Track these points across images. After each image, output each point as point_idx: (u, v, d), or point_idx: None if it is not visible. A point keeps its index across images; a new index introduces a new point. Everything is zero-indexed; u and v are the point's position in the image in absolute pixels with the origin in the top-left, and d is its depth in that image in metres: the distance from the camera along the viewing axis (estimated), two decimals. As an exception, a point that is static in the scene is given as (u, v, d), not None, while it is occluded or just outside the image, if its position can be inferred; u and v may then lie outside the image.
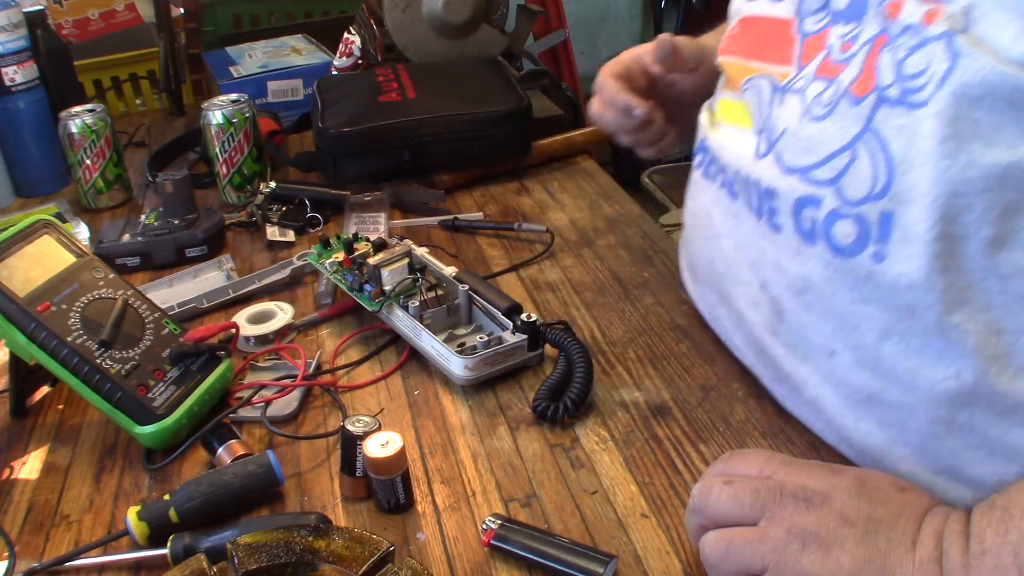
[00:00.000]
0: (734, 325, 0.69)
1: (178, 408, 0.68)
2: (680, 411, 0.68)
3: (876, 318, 0.55)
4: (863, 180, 0.53)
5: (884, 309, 0.54)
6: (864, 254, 0.54)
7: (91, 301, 0.71)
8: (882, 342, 0.55)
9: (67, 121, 1.10)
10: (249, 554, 0.52)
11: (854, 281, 0.55)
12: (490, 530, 0.56)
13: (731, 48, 0.70)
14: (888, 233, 0.53)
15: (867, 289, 0.55)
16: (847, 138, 0.55)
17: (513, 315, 0.74)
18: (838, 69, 0.57)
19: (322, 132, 1.09)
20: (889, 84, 0.53)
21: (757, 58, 0.66)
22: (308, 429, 0.70)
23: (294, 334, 0.83)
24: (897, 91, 0.52)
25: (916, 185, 0.51)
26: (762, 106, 0.64)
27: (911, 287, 0.52)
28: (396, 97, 1.14)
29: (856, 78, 0.55)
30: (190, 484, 0.61)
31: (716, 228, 0.68)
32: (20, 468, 0.69)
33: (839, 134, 0.55)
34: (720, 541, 0.49)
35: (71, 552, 0.59)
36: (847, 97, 0.55)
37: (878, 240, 0.53)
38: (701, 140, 0.73)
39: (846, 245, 0.55)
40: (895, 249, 0.52)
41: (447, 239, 0.99)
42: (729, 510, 0.50)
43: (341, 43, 1.36)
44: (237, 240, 1.03)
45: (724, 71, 0.72)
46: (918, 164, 0.50)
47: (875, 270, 0.53)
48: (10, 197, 1.20)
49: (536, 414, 0.67)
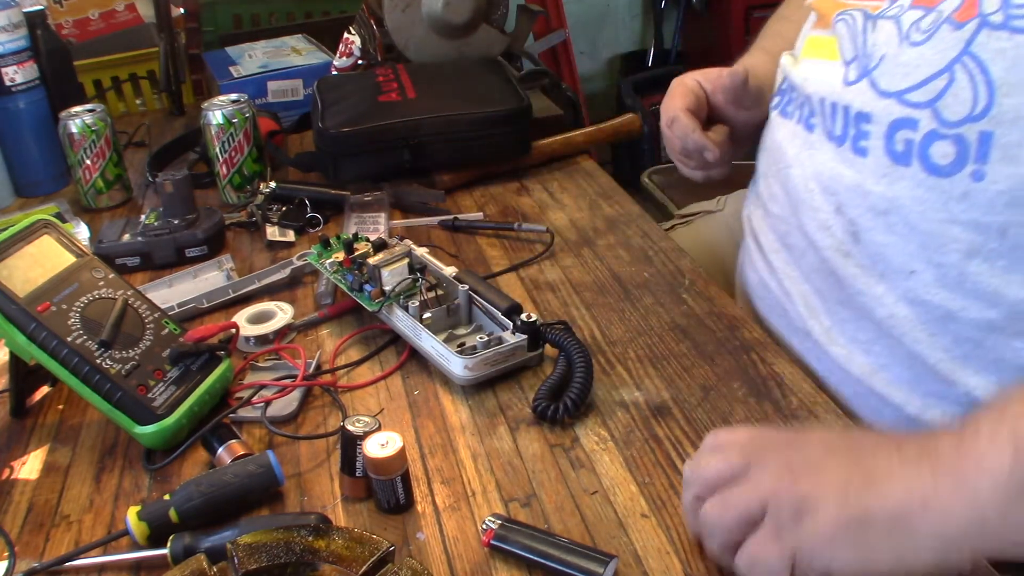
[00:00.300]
0: (801, 253, 0.71)
1: (178, 408, 0.68)
2: (680, 411, 0.68)
3: (963, 238, 0.57)
4: (962, 102, 0.55)
5: (974, 229, 0.56)
6: (962, 173, 0.56)
7: (91, 301, 0.71)
8: (967, 261, 0.57)
9: (67, 121, 1.10)
10: (249, 554, 0.52)
11: (946, 200, 0.57)
12: (490, 530, 0.56)
13: None
14: (987, 153, 0.54)
15: (960, 208, 0.56)
16: (945, 61, 0.57)
17: (513, 315, 0.74)
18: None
19: (322, 132, 1.09)
20: (994, 10, 0.55)
21: None
22: (308, 429, 0.70)
23: (294, 334, 0.83)
24: (1001, 16, 0.54)
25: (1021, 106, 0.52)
26: (856, 36, 0.65)
27: (1010, 205, 0.54)
28: (396, 97, 1.14)
29: (960, 6, 0.57)
30: (190, 484, 0.61)
31: (788, 160, 0.71)
32: (20, 468, 0.69)
33: (937, 57, 0.57)
34: (717, 502, 0.50)
35: (71, 552, 0.59)
36: (948, 23, 0.57)
37: (977, 160, 0.55)
38: (781, 82, 0.76)
39: (944, 165, 0.57)
40: (995, 168, 0.54)
41: (447, 239, 0.99)
42: (720, 472, 0.51)
43: (341, 43, 1.35)
44: (237, 240, 1.03)
45: (815, 10, 0.73)
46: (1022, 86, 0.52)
47: (972, 189, 0.55)
48: (10, 197, 1.20)
49: (536, 414, 0.67)
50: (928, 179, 0.58)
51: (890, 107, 0.60)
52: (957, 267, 0.58)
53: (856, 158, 0.63)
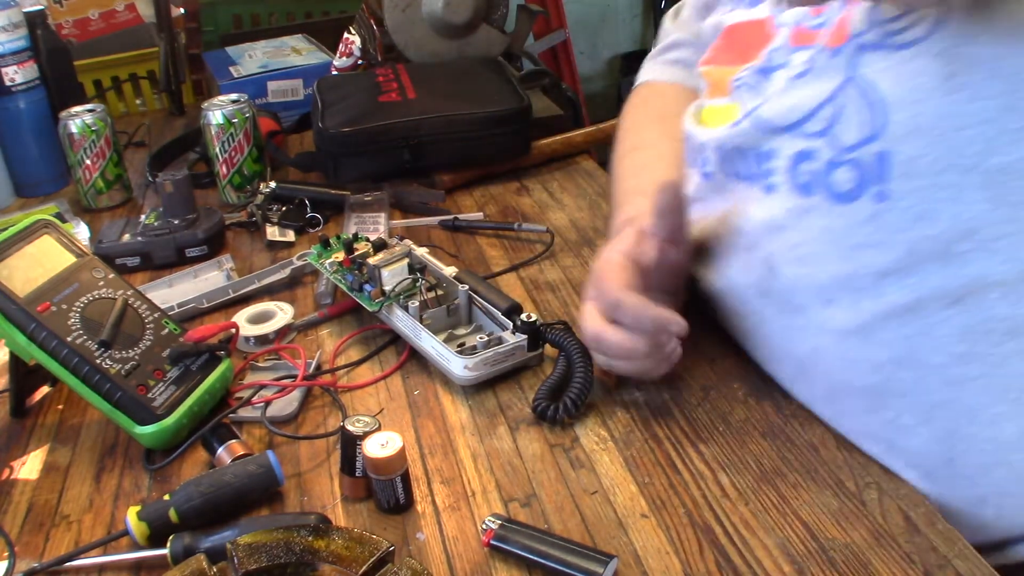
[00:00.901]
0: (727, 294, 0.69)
1: (178, 408, 0.68)
2: (680, 411, 0.68)
3: (874, 261, 0.56)
4: (856, 125, 0.55)
5: (884, 250, 0.56)
6: (866, 196, 0.56)
7: (91, 301, 0.71)
8: (881, 282, 0.56)
9: (67, 121, 1.10)
10: (249, 554, 0.52)
11: (854, 225, 0.57)
12: (490, 530, 0.56)
13: (718, 59, 0.72)
14: (887, 172, 0.54)
15: (868, 231, 0.56)
16: (832, 88, 0.57)
17: (513, 315, 0.74)
18: (814, 34, 0.60)
19: (322, 132, 1.09)
20: (865, 31, 0.55)
21: (743, 61, 0.68)
22: (308, 429, 0.70)
23: (294, 334, 0.83)
24: (875, 36, 0.55)
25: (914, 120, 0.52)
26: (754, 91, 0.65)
27: (917, 219, 0.54)
28: (396, 97, 1.14)
29: (832, 34, 0.58)
30: (190, 484, 0.61)
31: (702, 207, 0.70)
32: (20, 468, 0.69)
33: (825, 87, 0.57)
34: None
35: (71, 552, 0.59)
36: (826, 52, 0.58)
37: (878, 180, 0.55)
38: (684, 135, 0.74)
39: (847, 191, 0.57)
40: (898, 185, 0.54)
41: (447, 239, 0.99)
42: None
43: (341, 43, 1.35)
44: (237, 240, 1.03)
45: (708, 80, 0.73)
46: (913, 100, 0.52)
47: (878, 210, 0.55)
48: (10, 197, 1.20)
49: (536, 414, 0.67)
50: (835, 207, 0.58)
51: (789, 142, 0.60)
52: (871, 289, 0.57)
53: (765, 196, 0.63)
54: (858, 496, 0.58)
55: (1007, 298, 0.53)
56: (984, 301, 0.53)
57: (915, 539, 0.54)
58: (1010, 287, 0.52)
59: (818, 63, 0.59)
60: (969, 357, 0.55)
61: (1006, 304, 0.53)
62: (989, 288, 0.53)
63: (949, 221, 0.53)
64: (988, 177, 0.51)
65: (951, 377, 0.56)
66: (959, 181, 0.52)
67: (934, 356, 0.56)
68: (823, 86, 0.58)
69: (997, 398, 0.55)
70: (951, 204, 0.52)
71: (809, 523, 0.56)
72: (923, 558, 0.53)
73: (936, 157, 0.52)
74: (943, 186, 0.52)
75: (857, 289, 0.58)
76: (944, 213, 0.53)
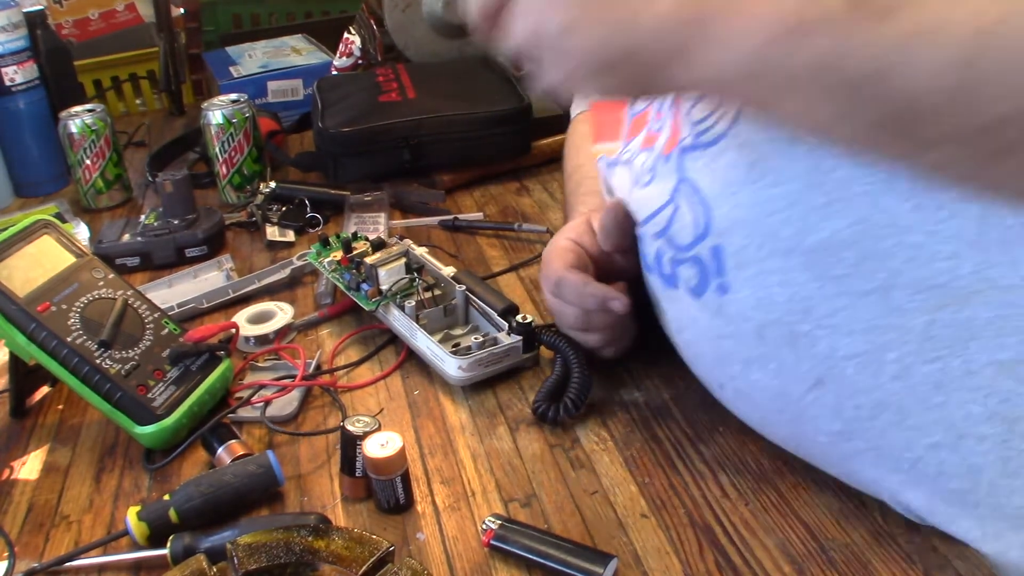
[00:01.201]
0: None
1: (178, 408, 0.68)
2: (680, 411, 0.68)
3: (736, 351, 0.57)
4: (687, 225, 0.57)
5: (738, 340, 0.56)
6: (710, 290, 0.56)
7: (91, 301, 0.71)
8: (748, 371, 0.57)
9: (67, 121, 1.10)
10: (249, 554, 0.52)
11: (710, 318, 0.57)
12: (490, 530, 0.56)
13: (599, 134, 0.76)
14: (722, 265, 0.55)
15: (721, 323, 0.57)
16: (668, 193, 0.59)
17: (509, 316, 0.74)
18: (656, 137, 0.62)
19: (322, 132, 1.09)
20: (686, 135, 0.57)
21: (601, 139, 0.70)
22: (308, 429, 0.70)
23: (294, 334, 0.83)
24: (691, 138, 0.57)
25: (733, 212, 0.53)
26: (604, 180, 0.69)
27: (756, 307, 0.54)
28: (396, 97, 1.14)
29: (667, 140, 0.60)
30: (190, 484, 0.61)
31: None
32: (20, 468, 0.69)
33: (662, 191, 0.59)
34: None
35: (71, 552, 0.59)
36: (662, 158, 0.60)
37: (717, 274, 0.55)
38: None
39: (694, 286, 0.58)
40: (734, 276, 0.54)
41: (447, 239, 0.99)
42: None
43: (341, 43, 1.36)
44: (237, 240, 1.03)
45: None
46: (729, 194, 0.53)
47: (723, 302, 0.56)
48: (10, 197, 1.20)
49: (536, 416, 0.67)
50: (692, 301, 0.58)
51: (644, 238, 0.62)
52: (743, 377, 0.58)
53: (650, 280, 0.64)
54: (858, 496, 0.58)
55: (864, 370, 0.51)
56: (843, 377, 0.52)
57: (915, 539, 0.54)
58: (862, 359, 0.51)
59: (658, 167, 0.61)
60: (849, 434, 0.54)
61: (866, 376, 0.51)
62: (843, 363, 0.51)
63: (785, 304, 0.52)
64: (808, 256, 0.51)
65: (844, 453, 0.55)
66: (783, 264, 0.52)
67: (819, 436, 0.56)
68: (662, 188, 0.59)
69: (892, 469, 0.54)
70: (783, 288, 0.52)
71: (809, 523, 0.56)
72: (923, 558, 0.53)
73: (759, 244, 0.52)
74: (771, 271, 0.52)
75: (732, 377, 0.59)
76: (778, 297, 0.52)
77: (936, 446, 0.50)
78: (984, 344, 0.47)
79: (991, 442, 0.49)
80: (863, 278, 0.49)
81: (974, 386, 0.48)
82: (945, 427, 0.50)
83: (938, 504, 0.52)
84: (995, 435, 0.49)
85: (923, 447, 0.51)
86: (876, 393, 0.51)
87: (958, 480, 0.51)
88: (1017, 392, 0.48)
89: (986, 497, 0.51)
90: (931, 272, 0.47)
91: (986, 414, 0.48)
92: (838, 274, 0.50)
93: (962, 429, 0.49)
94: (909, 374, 0.49)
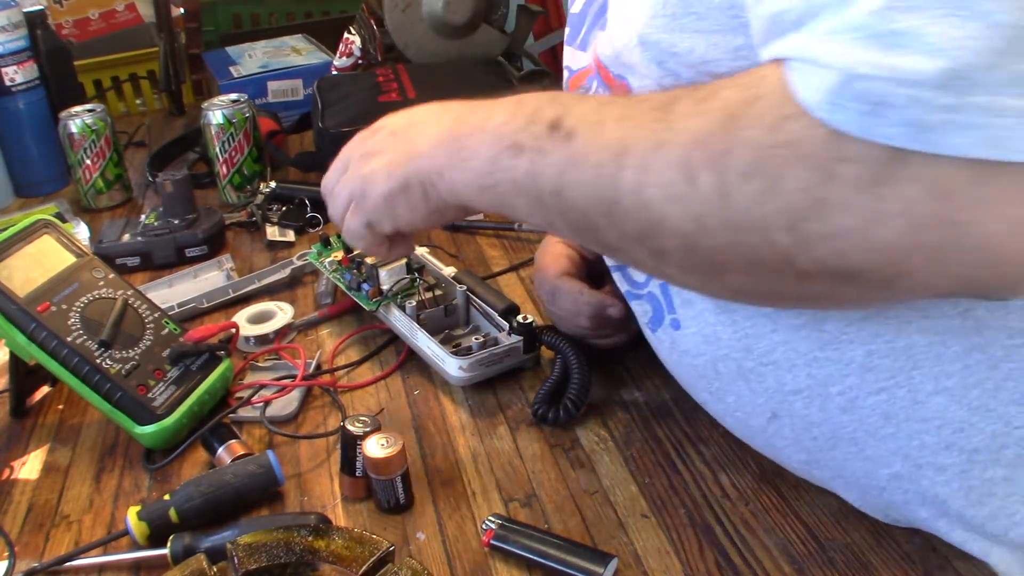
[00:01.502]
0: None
1: (178, 408, 0.68)
2: (680, 411, 0.68)
3: (698, 384, 0.58)
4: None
5: (697, 373, 0.56)
6: (664, 326, 0.57)
7: (91, 301, 0.71)
8: (715, 403, 0.57)
9: (67, 121, 1.10)
10: (249, 554, 0.52)
11: (670, 352, 0.58)
12: (490, 530, 0.56)
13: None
14: (672, 302, 0.56)
15: (678, 357, 0.57)
16: None
17: (509, 316, 0.74)
18: None
19: (322, 132, 1.09)
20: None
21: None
22: (308, 429, 0.70)
23: (294, 334, 0.83)
24: None
25: None
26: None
27: (706, 342, 0.54)
28: (396, 97, 1.14)
29: None
30: (190, 484, 0.61)
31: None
32: (20, 468, 0.69)
33: None
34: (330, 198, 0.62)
35: (71, 552, 0.59)
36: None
37: (669, 310, 0.56)
38: None
39: (649, 322, 0.59)
40: (682, 313, 0.55)
41: (447, 239, 0.99)
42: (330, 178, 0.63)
43: (341, 43, 1.35)
44: (237, 240, 1.03)
45: None
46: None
47: (677, 337, 0.56)
48: (10, 197, 1.20)
49: (536, 418, 0.67)
50: (651, 334, 0.60)
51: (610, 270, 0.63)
52: (712, 405, 0.58)
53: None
54: (858, 496, 0.58)
55: (811, 404, 0.50)
56: (793, 411, 0.51)
57: (915, 539, 0.54)
58: (807, 393, 0.50)
59: None
60: (815, 463, 0.54)
61: (815, 410, 0.50)
62: (792, 397, 0.51)
63: (728, 342, 0.52)
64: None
65: (818, 479, 0.56)
66: (722, 303, 0.52)
67: (791, 463, 0.56)
68: None
69: (862, 494, 0.54)
70: (727, 327, 0.52)
71: (809, 523, 0.56)
72: (923, 558, 0.53)
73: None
74: (712, 310, 0.53)
75: (704, 403, 0.59)
76: (722, 335, 0.52)
77: (897, 476, 0.50)
78: (927, 373, 0.46)
79: (951, 472, 0.48)
80: (794, 312, 0.49)
81: (924, 416, 0.47)
82: (902, 457, 0.49)
83: (920, 523, 0.52)
84: (954, 465, 0.48)
85: (884, 478, 0.50)
86: (827, 426, 0.51)
87: (926, 509, 0.50)
88: (970, 422, 0.46)
89: (958, 523, 0.50)
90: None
91: (941, 444, 0.47)
92: (770, 310, 0.50)
93: (918, 459, 0.49)
94: (855, 406, 0.49)
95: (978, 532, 0.50)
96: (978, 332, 0.45)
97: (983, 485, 0.48)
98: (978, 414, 0.46)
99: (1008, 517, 0.48)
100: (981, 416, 0.46)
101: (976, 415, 0.46)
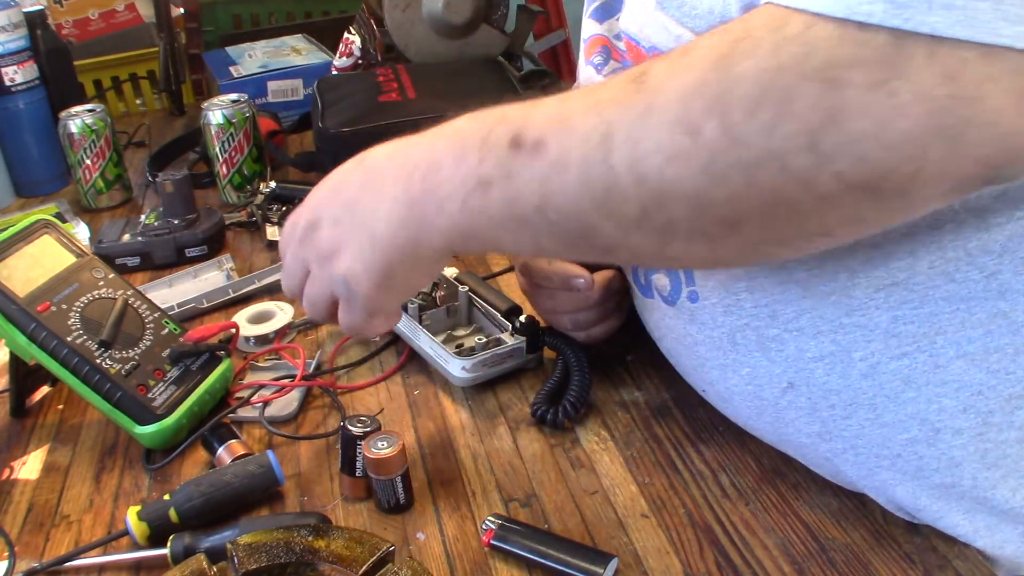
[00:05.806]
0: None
1: (178, 408, 0.68)
2: (680, 411, 0.68)
3: (712, 357, 0.57)
4: None
5: (713, 346, 0.56)
6: (682, 298, 0.57)
7: (91, 301, 0.71)
8: (726, 377, 0.57)
9: (67, 121, 1.10)
10: (249, 554, 0.52)
11: (685, 325, 0.58)
12: (490, 530, 0.56)
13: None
14: (691, 274, 0.56)
15: (695, 330, 0.57)
16: None
17: (512, 317, 0.74)
18: None
19: (322, 132, 1.09)
20: None
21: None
22: (308, 429, 0.70)
23: (294, 334, 0.83)
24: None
25: None
26: None
27: (726, 313, 0.54)
28: (396, 97, 1.14)
29: None
30: (190, 484, 0.61)
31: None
32: (20, 468, 0.69)
33: None
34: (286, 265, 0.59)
35: (71, 552, 0.59)
36: None
37: (688, 283, 0.56)
38: None
39: (668, 295, 0.58)
40: (702, 284, 0.55)
41: (447, 239, 0.99)
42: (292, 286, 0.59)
43: (341, 43, 1.35)
44: (237, 240, 1.03)
45: None
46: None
47: (696, 309, 0.56)
48: (10, 197, 1.20)
49: (536, 419, 0.67)
50: (668, 309, 0.59)
51: None
52: (721, 383, 0.58)
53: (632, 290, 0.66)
54: (858, 496, 0.57)
55: (833, 371, 0.51)
56: (813, 378, 0.52)
57: (915, 539, 0.54)
58: (830, 359, 0.51)
59: None
60: (828, 434, 0.54)
61: (835, 377, 0.51)
62: (812, 365, 0.51)
63: (752, 310, 0.53)
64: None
65: (826, 453, 0.55)
66: (748, 270, 0.52)
67: (800, 437, 0.56)
68: None
69: (874, 467, 0.53)
70: (749, 293, 0.52)
71: (809, 523, 0.56)
72: (923, 558, 0.53)
73: None
74: (736, 277, 0.53)
75: (712, 383, 0.59)
76: (745, 303, 0.53)
77: (913, 441, 0.51)
78: (950, 338, 0.48)
79: (967, 435, 0.49)
80: (824, 279, 0.49)
81: (944, 380, 0.49)
82: (919, 422, 0.50)
83: (924, 500, 0.53)
84: (971, 428, 0.49)
85: (900, 443, 0.51)
86: (847, 393, 0.51)
87: (939, 475, 0.51)
88: (988, 384, 0.48)
89: (970, 491, 0.51)
90: (889, 271, 0.48)
91: (959, 407, 0.49)
92: (800, 277, 0.50)
93: (936, 423, 0.50)
94: (877, 372, 0.50)
95: (982, 504, 0.51)
96: (1002, 296, 0.46)
97: (997, 448, 0.49)
98: (997, 377, 0.48)
99: (1018, 479, 0.50)
100: (1000, 379, 0.48)
101: (995, 378, 0.48)
